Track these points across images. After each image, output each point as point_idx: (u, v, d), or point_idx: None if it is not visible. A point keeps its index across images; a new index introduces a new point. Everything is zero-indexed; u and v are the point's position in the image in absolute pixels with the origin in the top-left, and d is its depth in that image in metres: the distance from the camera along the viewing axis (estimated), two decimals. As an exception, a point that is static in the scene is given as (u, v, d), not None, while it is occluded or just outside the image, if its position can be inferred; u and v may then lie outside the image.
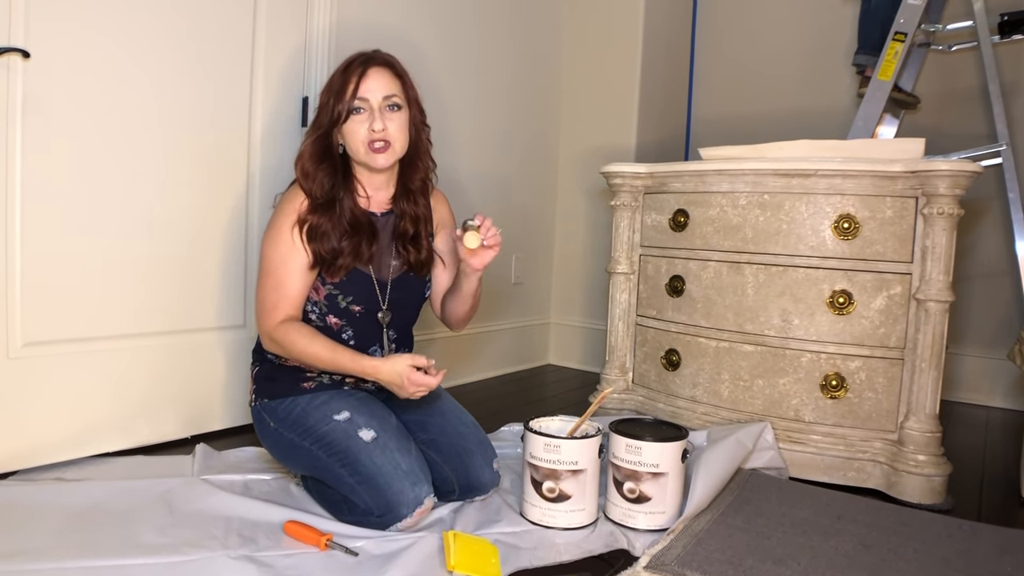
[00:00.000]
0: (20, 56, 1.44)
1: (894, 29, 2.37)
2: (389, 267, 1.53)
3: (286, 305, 1.43)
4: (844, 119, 2.82)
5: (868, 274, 1.73)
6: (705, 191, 1.95)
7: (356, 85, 1.44)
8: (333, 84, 1.47)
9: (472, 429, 1.55)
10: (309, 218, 1.43)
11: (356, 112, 1.45)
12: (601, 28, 2.97)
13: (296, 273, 1.43)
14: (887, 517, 1.50)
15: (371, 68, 1.46)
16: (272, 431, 1.46)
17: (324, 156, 1.48)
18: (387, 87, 1.46)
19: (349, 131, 1.46)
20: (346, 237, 1.44)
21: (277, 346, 1.42)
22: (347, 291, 1.47)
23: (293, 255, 1.43)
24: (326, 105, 1.47)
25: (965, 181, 1.62)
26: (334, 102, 1.46)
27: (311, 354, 1.39)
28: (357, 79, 1.45)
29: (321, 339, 1.40)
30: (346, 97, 1.44)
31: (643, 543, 1.35)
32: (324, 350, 1.39)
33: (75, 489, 1.44)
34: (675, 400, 2.05)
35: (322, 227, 1.43)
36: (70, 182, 1.56)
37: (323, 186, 1.45)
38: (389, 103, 1.46)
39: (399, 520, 1.31)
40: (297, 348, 1.39)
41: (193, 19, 1.74)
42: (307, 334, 1.40)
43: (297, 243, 1.43)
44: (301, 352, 1.39)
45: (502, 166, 2.78)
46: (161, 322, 1.75)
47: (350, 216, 1.46)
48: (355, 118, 1.45)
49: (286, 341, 1.40)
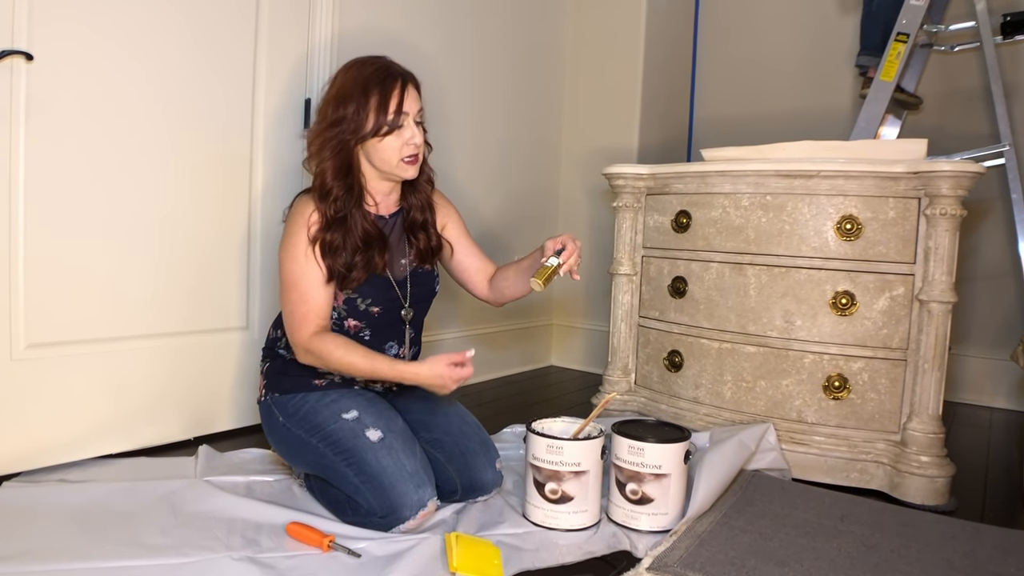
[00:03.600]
0: (23, 59, 1.45)
1: (896, 30, 2.36)
2: (403, 264, 1.55)
3: (315, 316, 1.43)
4: (846, 120, 2.82)
5: (871, 275, 1.73)
6: (707, 192, 1.95)
7: (400, 101, 1.44)
8: (363, 96, 1.43)
9: (475, 429, 1.55)
10: (322, 235, 1.44)
11: (399, 128, 1.45)
12: (603, 29, 2.97)
13: (318, 281, 1.44)
14: (890, 518, 1.50)
15: (409, 85, 1.47)
16: (280, 426, 1.47)
17: (347, 172, 1.47)
18: (418, 101, 1.49)
19: (386, 145, 1.46)
20: (359, 252, 1.45)
21: (313, 357, 1.42)
22: (366, 294, 1.49)
23: (312, 267, 1.43)
24: (349, 118, 1.43)
25: (968, 182, 1.62)
26: (372, 116, 1.43)
27: (348, 363, 1.39)
28: (400, 95, 1.45)
29: (357, 348, 1.40)
30: (389, 111, 1.44)
31: (646, 544, 1.35)
32: (362, 359, 1.39)
33: (78, 490, 1.44)
34: (678, 401, 2.05)
35: (335, 243, 1.44)
36: (73, 184, 1.56)
37: (338, 204, 1.45)
38: (419, 118, 1.49)
39: (402, 522, 1.31)
40: (334, 358, 1.39)
41: (196, 20, 1.74)
42: (342, 344, 1.40)
43: (311, 260, 1.43)
44: (338, 362, 1.40)
45: (504, 168, 2.79)
46: (164, 324, 1.75)
47: (362, 231, 1.46)
48: (395, 132, 1.45)
49: (323, 352, 1.40)
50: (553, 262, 1.42)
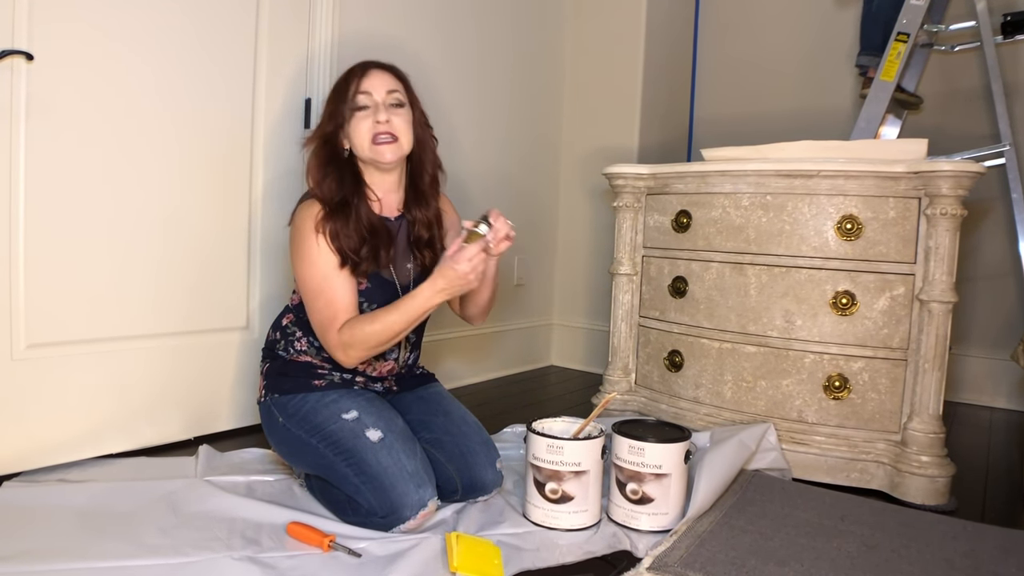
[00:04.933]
0: (24, 58, 1.45)
1: (896, 30, 2.37)
2: (408, 271, 1.55)
3: (343, 314, 1.42)
4: (847, 120, 2.82)
5: (871, 275, 1.73)
6: (707, 192, 1.95)
7: (358, 83, 1.48)
8: (337, 90, 1.51)
9: (475, 429, 1.55)
10: (327, 223, 1.44)
11: (360, 109, 1.47)
12: (603, 30, 2.97)
13: (340, 284, 1.43)
14: (890, 518, 1.50)
15: (371, 69, 1.50)
16: (280, 427, 1.47)
17: (330, 160, 1.49)
18: (389, 84, 1.50)
19: (354, 129, 1.48)
20: (365, 242, 1.45)
21: (352, 349, 1.40)
22: (372, 298, 1.49)
23: (330, 268, 1.43)
24: (330, 112, 1.51)
25: (968, 182, 1.62)
26: (337, 105, 1.49)
27: (383, 328, 1.37)
28: (359, 79, 1.49)
29: (380, 312, 1.39)
30: (348, 96, 1.48)
31: (646, 544, 1.35)
32: (396, 316, 1.36)
33: (79, 490, 1.44)
34: (678, 401, 2.05)
35: (339, 227, 1.44)
36: (74, 184, 1.56)
37: (332, 189, 1.47)
38: (392, 99, 1.49)
39: (402, 522, 1.31)
40: (368, 333, 1.38)
41: (198, 20, 1.74)
42: (366, 318, 1.40)
43: (324, 249, 1.43)
44: (375, 334, 1.38)
45: (505, 168, 2.78)
46: (165, 324, 1.75)
47: (367, 222, 1.47)
48: (359, 115, 1.47)
49: (356, 338, 1.38)
50: (483, 229, 1.34)
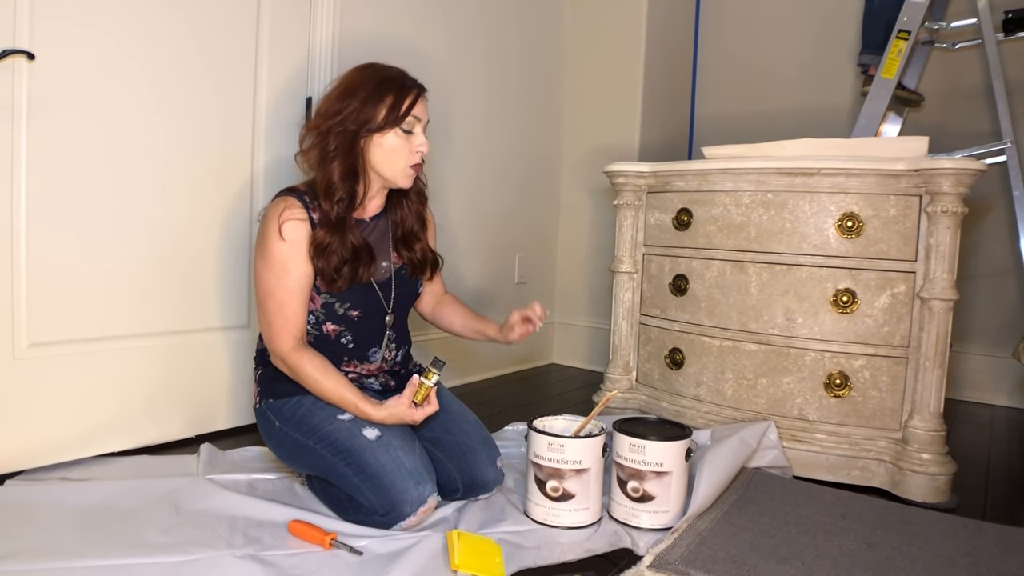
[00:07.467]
0: (25, 58, 1.45)
1: (898, 27, 2.36)
2: (384, 268, 1.53)
3: (292, 325, 1.42)
4: (848, 118, 2.82)
5: (872, 273, 1.73)
6: (708, 190, 1.95)
7: (413, 103, 1.43)
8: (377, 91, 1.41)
9: (476, 427, 1.55)
10: (318, 234, 1.41)
11: (407, 132, 1.44)
12: (604, 28, 2.97)
13: (294, 290, 1.41)
14: (891, 516, 1.50)
15: (424, 94, 1.47)
16: (277, 431, 1.46)
17: (355, 175, 1.44)
18: (427, 115, 1.48)
19: (393, 147, 1.44)
20: (347, 264, 1.43)
21: (288, 369, 1.42)
22: (345, 299, 1.47)
23: (287, 274, 1.41)
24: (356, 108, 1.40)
25: (969, 179, 1.61)
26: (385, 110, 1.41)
27: (317, 389, 1.40)
28: (414, 98, 1.44)
29: (332, 377, 1.40)
30: (400, 112, 1.42)
31: (647, 542, 1.35)
32: (332, 386, 1.39)
33: (80, 489, 1.45)
34: (679, 399, 2.05)
35: (331, 246, 1.41)
36: (75, 184, 1.56)
37: (341, 205, 1.43)
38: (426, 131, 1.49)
39: (403, 519, 1.31)
40: (308, 379, 1.40)
41: (198, 20, 1.74)
42: (319, 367, 1.40)
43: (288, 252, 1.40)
44: (310, 384, 1.40)
45: (505, 166, 2.78)
46: (166, 322, 1.75)
47: (351, 245, 1.44)
48: (402, 135, 1.44)
49: (299, 370, 1.40)
50: (433, 380, 1.36)
